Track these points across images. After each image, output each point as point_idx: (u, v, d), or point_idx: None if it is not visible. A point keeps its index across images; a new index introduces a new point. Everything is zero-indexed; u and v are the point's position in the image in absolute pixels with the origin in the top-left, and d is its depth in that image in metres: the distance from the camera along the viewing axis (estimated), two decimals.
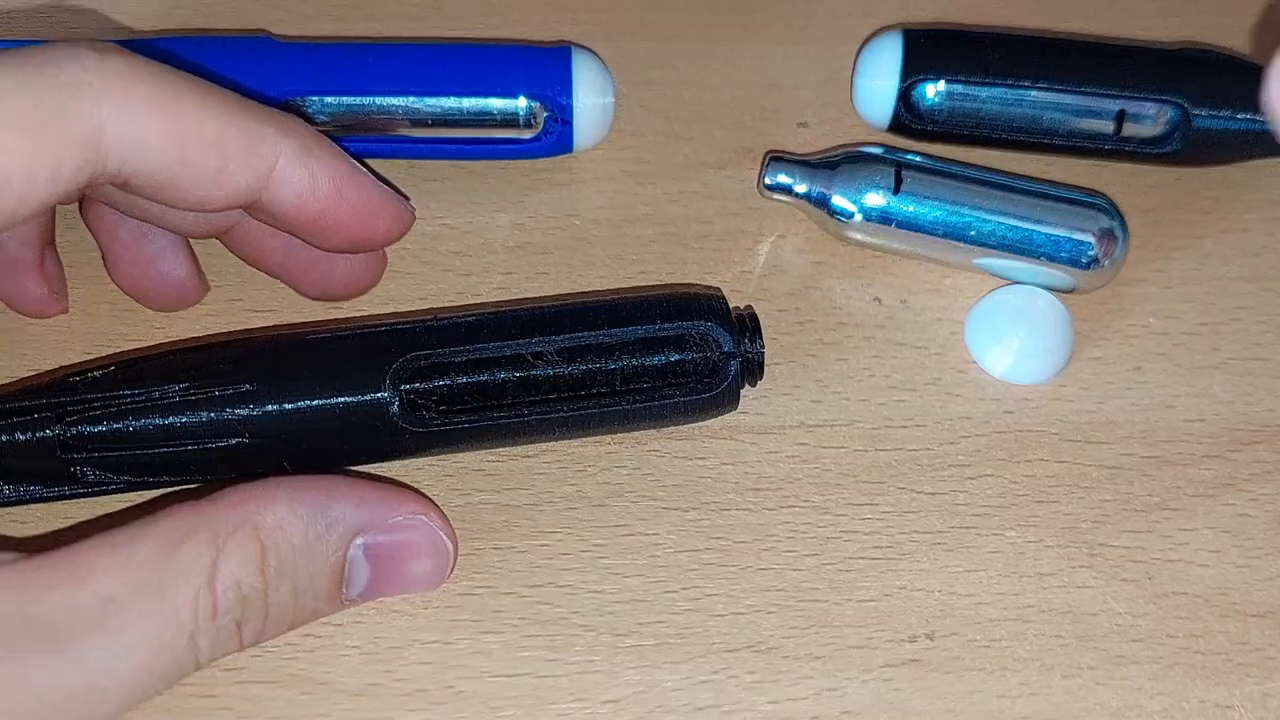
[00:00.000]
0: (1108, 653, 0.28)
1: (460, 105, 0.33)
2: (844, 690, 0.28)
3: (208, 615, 0.24)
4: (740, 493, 0.30)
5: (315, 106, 0.33)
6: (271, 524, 0.25)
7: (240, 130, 0.26)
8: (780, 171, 0.33)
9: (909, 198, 0.32)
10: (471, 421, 0.28)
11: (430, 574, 0.27)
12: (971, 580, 0.29)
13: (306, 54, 0.33)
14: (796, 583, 0.29)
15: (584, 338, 0.28)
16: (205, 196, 0.26)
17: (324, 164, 0.27)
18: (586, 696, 0.27)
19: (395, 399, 0.27)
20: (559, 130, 0.33)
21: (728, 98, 0.37)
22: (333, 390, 0.27)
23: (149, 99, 0.25)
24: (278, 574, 0.25)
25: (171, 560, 0.23)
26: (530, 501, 0.30)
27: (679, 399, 0.29)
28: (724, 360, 0.29)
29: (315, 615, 0.26)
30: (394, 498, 0.27)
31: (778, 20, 0.39)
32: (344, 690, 0.27)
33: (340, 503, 0.26)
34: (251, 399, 0.27)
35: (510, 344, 0.28)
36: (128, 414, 0.27)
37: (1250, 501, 0.30)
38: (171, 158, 0.25)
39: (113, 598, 0.23)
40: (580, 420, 0.28)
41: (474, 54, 0.33)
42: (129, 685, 0.23)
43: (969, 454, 0.31)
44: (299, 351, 0.28)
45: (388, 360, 0.27)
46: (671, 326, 0.28)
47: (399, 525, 0.27)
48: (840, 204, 0.32)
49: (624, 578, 0.29)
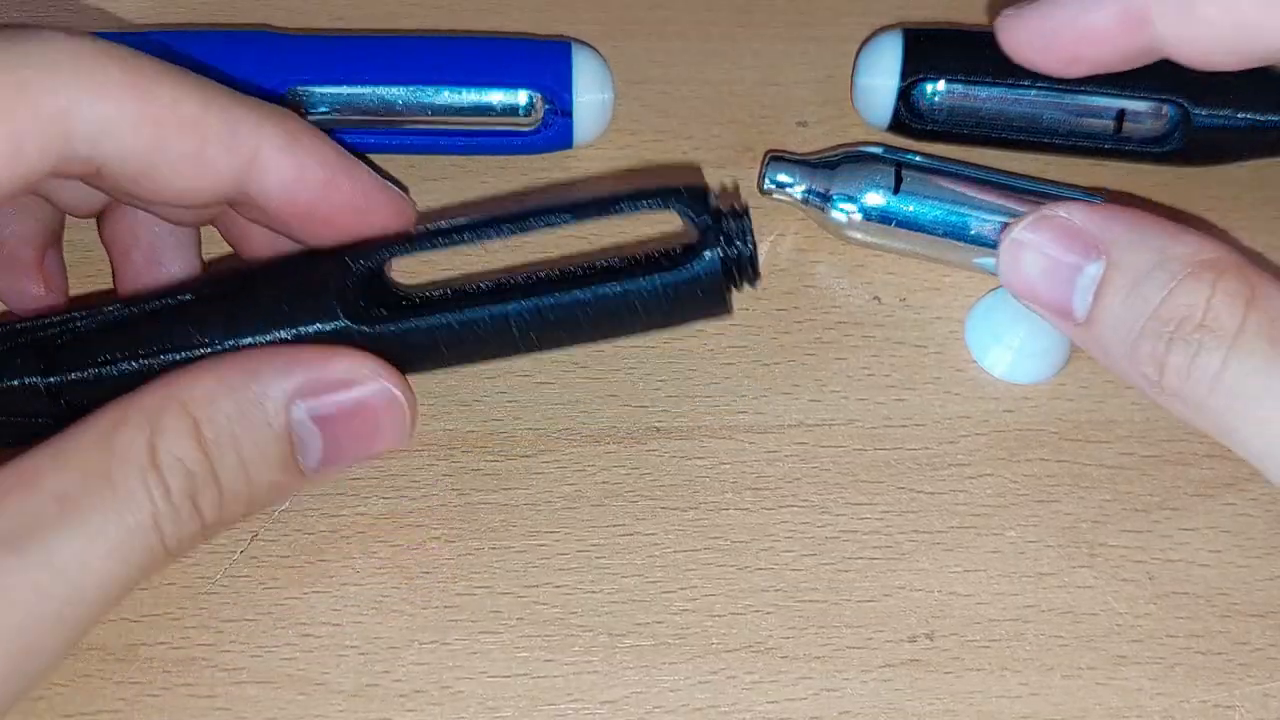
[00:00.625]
0: (1108, 653, 0.28)
1: (461, 96, 0.33)
2: (843, 690, 0.28)
3: (160, 493, 0.23)
4: (739, 492, 0.30)
5: (315, 97, 0.33)
6: (199, 397, 0.24)
7: (219, 114, 0.25)
8: (780, 171, 0.33)
9: (909, 197, 0.32)
10: (424, 319, 0.26)
11: (388, 429, 0.26)
12: (971, 580, 0.29)
13: (307, 45, 0.33)
14: (795, 582, 0.29)
15: (546, 224, 0.27)
16: (186, 186, 0.25)
17: (312, 153, 0.26)
18: (584, 697, 0.27)
19: (338, 302, 0.26)
20: (558, 123, 0.33)
21: (727, 96, 0.37)
22: (274, 295, 0.26)
23: (121, 79, 0.24)
24: (217, 445, 0.24)
25: (110, 447, 0.23)
26: (528, 501, 0.30)
27: (652, 282, 0.26)
28: (702, 238, 0.26)
29: (278, 490, 0.26)
30: (329, 355, 0.26)
31: (777, 18, 0.39)
32: (341, 691, 0.27)
33: (270, 366, 0.25)
34: (198, 308, 0.26)
35: (468, 238, 0.27)
36: (93, 332, 0.26)
37: (1251, 501, 0.30)
38: (145, 141, 0.24)
39: (65, 493, 0.23)
40: (544, 313, 0.26)
41: (475, 46, 0.34)
42: (104, 575, 0.23)
43: (968, 453, 0.31)
44: (252, 266, 0.28)
45: (338, 263, 0.27)
46: (644, 206, 0.27)
47: (339, 382, 0.26)
48: (840, 203, 0.32)
49: (622, 578, 0.29)
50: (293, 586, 0.28)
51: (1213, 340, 0.23)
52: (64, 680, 0.27)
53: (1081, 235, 0.26)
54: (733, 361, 0.32)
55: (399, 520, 0.29)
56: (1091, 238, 0.25)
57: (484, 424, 0.31)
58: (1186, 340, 0.24)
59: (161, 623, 0.28)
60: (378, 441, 0.26)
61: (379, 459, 0.30)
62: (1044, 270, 0.26)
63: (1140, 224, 0.25)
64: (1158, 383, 0.24)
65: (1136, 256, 0.25)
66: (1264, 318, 0.23)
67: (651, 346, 0.32)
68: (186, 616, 0.28)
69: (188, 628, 0.28)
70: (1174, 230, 0.25)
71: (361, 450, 0.26)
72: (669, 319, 0.27)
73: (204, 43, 0.33)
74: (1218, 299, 0.24)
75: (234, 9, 0.38)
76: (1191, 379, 0.24)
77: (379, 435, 0.26)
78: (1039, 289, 0.26)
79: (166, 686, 0.27)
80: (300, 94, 0.33)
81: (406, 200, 0.29)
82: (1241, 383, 0.23)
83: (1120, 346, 0.25)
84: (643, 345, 0.32)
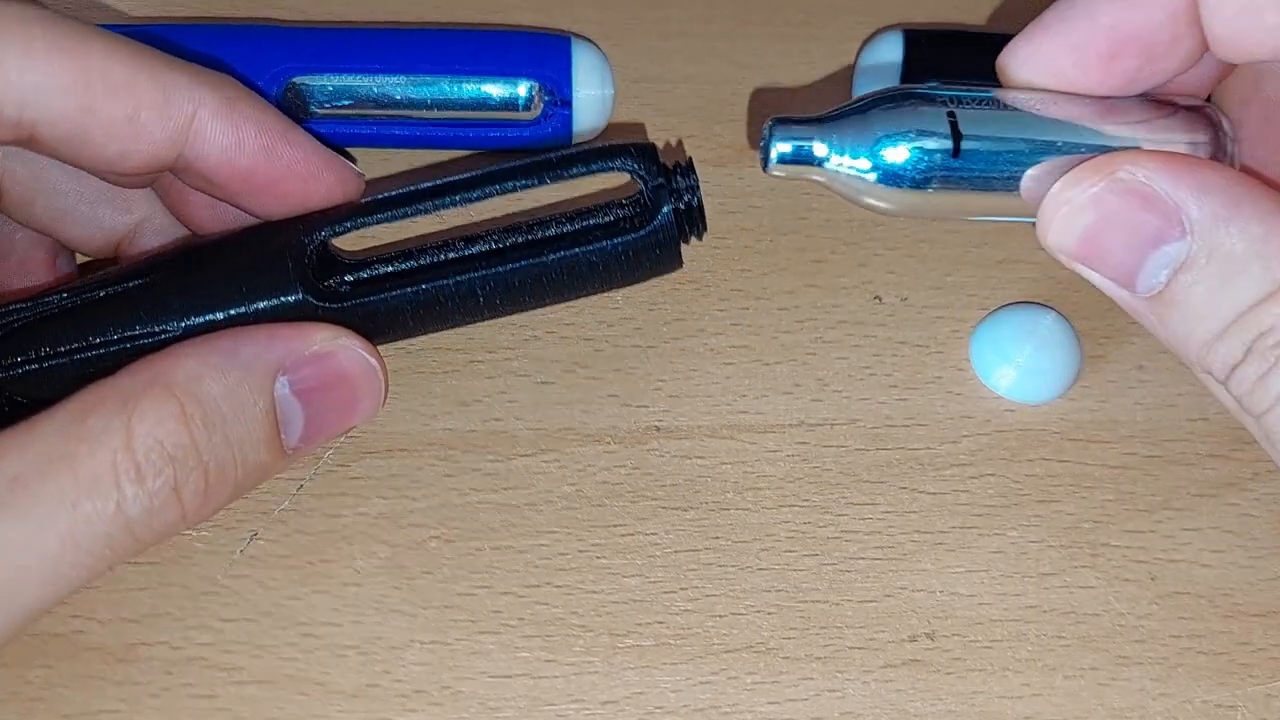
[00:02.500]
0: (1110, 653, 0.28)
1: (460, 88, 0.33)
2: (844, 691, 0.27)
3: (131, 479, 0.23)
4: (740, 492, 0.30)
5: (315, 89, 0.33)
6: (184, 379, 0.24)
7: (151, 76, 0.25)
8: (788, 138, 0.25)
9: (972, 156, 0.24)
10: (386, 292, 0.27)
11: (365, 397, 0.27)
12: (973, 580, 0.29)
13: (307, 37, 0.33)
14: (796, 583, 0.29)
15: (499, 189, 0.27)
16: (121, 151, 0.25)
17: (250, 118, 0.26)
18: (584, 697, 0.27)
19: (299, 281, 0.26)
20: (558, 114, 0.33)
21: (727, 95, 0.37)
22: (233, 274, 0.26)
23: (49, 41, 0.24)
24: (205, 425, 0.24)
25: (80, 431, 0.23)
26: (528, 501, 0.30)
27: (614, 244, 0.27)
28: (654, 195, 0.27)
29: (262, 471, 0.25)
30: (306, 328, 0.26)
31: (776, 17, 0.38)
32: (341, 691, 0.27)
33: (250, 344, 0.25)
34: (157, 289, 0.26)
35: (420, 208, 0.27)
36: (44, 321, 0.26)
37: (1254, 501, 0.30)
38: (75, 104, 0.24)
39: (19, 475, 0.22)
40: (508, 280, 0.27)
41: (474, 38, 0.34)
42: (53, 560, 0.22)
43: (970, 453, 0.31)
44: (206, 243, 0.27)
45: (294, 237, 0.27)
46: (595, 167, 0.27)
47: (317, 354, 0.26)
48: (881, 175, 0.24)
49: (622, 578, 0.29)
50: (293, 586, 0.28)
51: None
52: (63, 680, 0.27)
53: (1163, 206, 0.22)
54: (733, 361, 0.32)
55: (399, 520, 0.29)
56: (1174, 210, 0.22)
57: (484, 424, 0.31)
58: (1264, 355, 0.21)
59: (162, 623, 0.28)
60: (356, 411, 0.27)
61: (381, 458, 0.30)
62: (1109, 236, 0.22)
63: (1236, 199, 0.22)
64: (1222, 382, 0.22)
65: (1231, 243, 0.21)
66: None
67: (651, 346, 0.32)
68: (187, 616, 0.28)
69: (188, 628, 0.28)
70: (1273, 206, 0.22)
71: (340, 422, 0.27)
72: (626, 278, 0.28)
73: (204, 35, 0.33)
74: None
75: (234, 1, 0.38)
76: (1254, 395, 0.22)
77: (357, 405, 0.27)
78: (1102, 255, 0.23)
79: (166, 687, 0.27)
80: (300, 86, 0.33)
81: (352, 168, 0.28)
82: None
83: (1194, 338, 0.22)
84: (643, 345, 0.32)
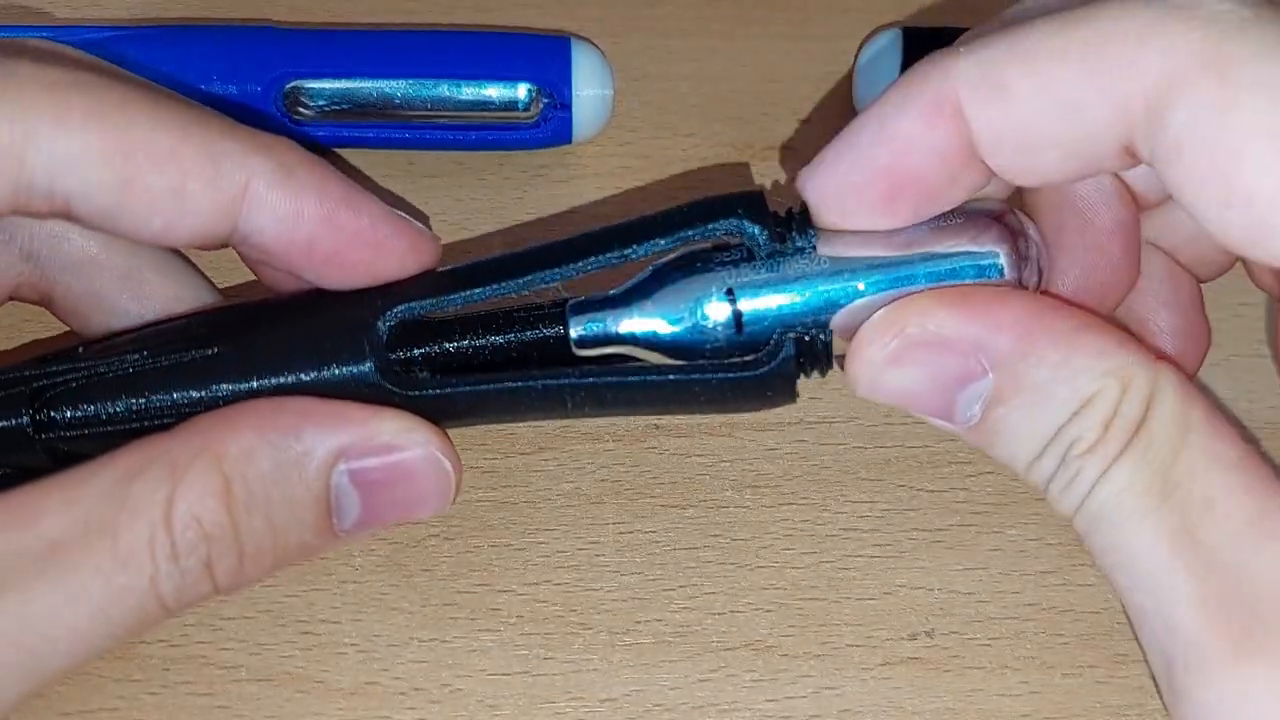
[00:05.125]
0: (1109, 651, 0.28)
1: (459, 89, 0.33)
2: (843, 689, 0.27)
3: (167, 556, 0.22)
4: (738, 490, 0.30)
5: (314, 91, 0.33)
6: (235, 453, 0.22)
7: (200, 144, 0.23)
8: (589, 323, 0.24)
9: (758, 327, 0.24)
10: (471, 385, 0.24)
11: (432, 496, 0.24)
12: (972, 578, 0.29)
13: (305, 39, 0.33)
14: (795, 580, 0.29)
15: (597, 263, 0.24)
16: (165, 225, 0.23)
17: (309, 185, 0.24)
18: (583, 695, 0.27)
19: (375, 364, 0.24)
20: (557, 117, 0.33)
21: (727, 93, 0.37)
22: (303, 355, 0.24)
23: (86, 107, 0.22)
24: (247, 508, 0.23)
25: (124, 497, 0.22)
26: (527, 499, 0.30)
27: (719, 376, 0.24)
28: (780, 340, 0.24)
29: (307, 551, 0.24)
30: (378, 415, 0.24)
31: (777, 15, 0.38)
32: (340, 689, 0.27)
33: (316, 424, 0.23)
34: (218, 365, 0.24)
35: (511, 285, 0.24)
36: (94, 385, 0.24)
37: None
38: (113, 174, 0.22)
39: (59, 541, 0.21)
40: (601, 391, 0.24)
41: (474, 39, 0.34)
42: (82, 634, 0.22)
43: (969, 451, 0.31)
44: (271, 311, 0.25)
45: (369, 315, 0.24)
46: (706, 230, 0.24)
47: (386, 446, 0.24)
48: (678, 345, 0.24)
49: (621, 575, 0.29)
50: (292, 584, 0.28)
51: (1091, 467, 0.21)
52: (61, 678, 0.27)
53: (959, 350, 0.22)
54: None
55: None
56: (970, 351, 0.22)
57: None
58: (1069, 464, 0.22)
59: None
60: (419, 509, 0.25)
61: None
62: (916, 384, 0.23)
63: (1028, 330, 0.22)
64: (1043, 495, 0.23)
65: (1033, 373, 0.22)
66: (1141, 452, 0.21)
67: None
68: (185, 614, 0.28)
69: (186, 625, 0.28)
70: (1066, 329, 0.22)
71: (401, 515, 0.25)
72: (728, 409, 0.25)
73: (203, 37, 0.33)
74: (1114, 422, 0.21)
75: (233, 3, 0.38)
76: (1062, 500, 0.22)
77: (421, 503, 0.25)
78: (913, 400, 0.23)
79: (165, 684, 0.27)
80: (299, 88, 0.33)
81: (425, 232, 0.26)
82: (1103, 511, 0.21)
83: (1018, 461, 0.23)
84: None
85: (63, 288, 0.27)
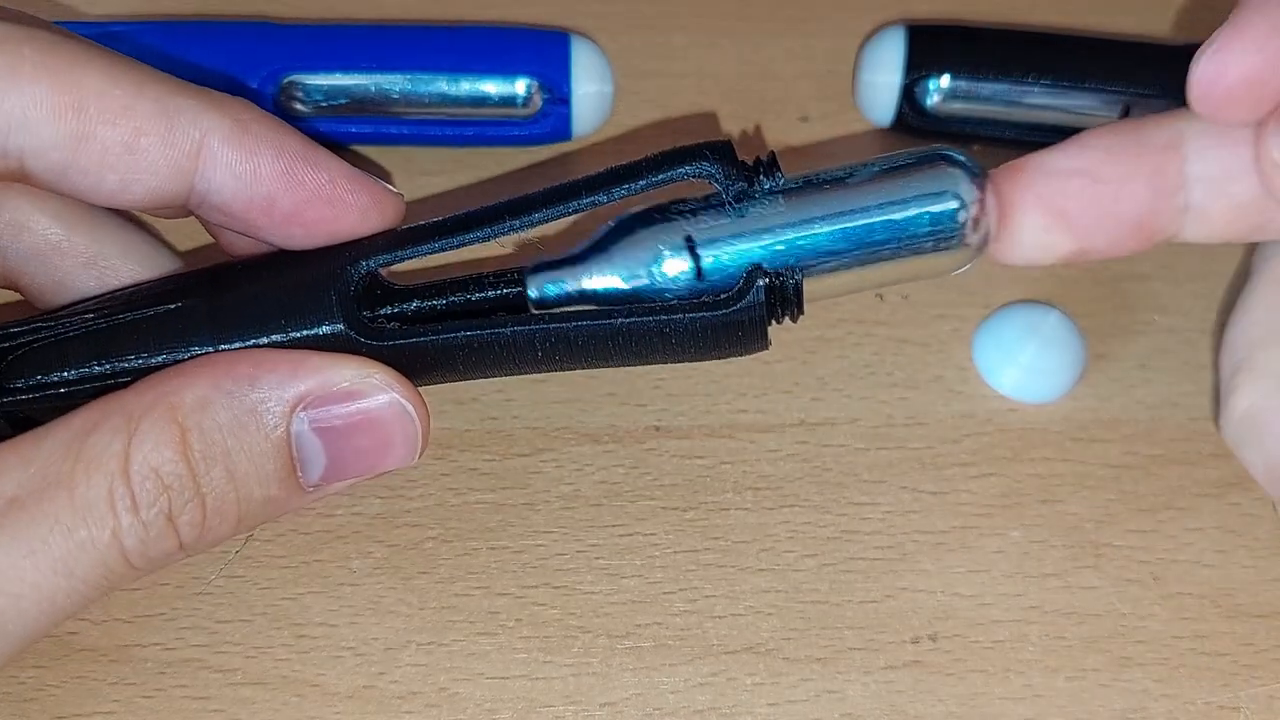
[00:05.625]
0: (1112, 654, 0.28)
1: (458, 85, 0.33)
2: (845, 693, 0.27)
3: (127, 508, 0.22)
4: (739, 492, 0.30)
5: (311, 87, 0.32)
6: (191, 403, 0.22)
7: (154, 100, 0.23)
8: (545, 280, 0.25)
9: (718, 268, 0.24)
10: (439, 334, 0.24)
11: (398, 444, 0.24)
12: (974, 581, 0.29)
13: (303, 35, 0.33)
14: (796, 583, 0.29)
15: (560, 210, 0.24)
16: (120, 182, 0.23)
17: (267, 141, 0.24)
18: (582, 699, 0.27)
19: (341, 314, 0.24)
20: (556, 112, 0.33)
21: (727, 90, 0.37)
22: (269, 309, 0.24)
23: (37, 62, 0.22)
24: (205, 459, 0.22)
25: (79, 451, 0.22)
26: (526, 501, 0.29)
27: (691, 319, 0.24)
28: (748, 277, 0.24)
29: (274, 506, 0.24)
30: (335, 360, 0.23)
31: (777, 12, 0.38)
32: (337, 693, 0.27)
33: (272, 372, 0.23)
34: (181, 320, 0.24)
35: (477, 235, 0.24)
36: (53, 346, 0.24)
37: (1256, 501, 0.30)
38: (67, 129, 0.22)
39: (16, 497, 0.21)
40: (571, 337, 0.24)
41: (472, 35, 0.33)
42: (46, 591, 0.21)
43: (972, 452, 0.31)
44: (236, 270, 0.25)
45: (335, 267, 0.24)
46: (666, 176, 0.24)
47: (346, 392, 0.23)
48: (639, 295, 0.24)
49: (621, 578, 0.28)
50: (288, 587, 0.28)
51: None
52: (57, 681, 0.27)
53: None
54: (733, 359, 0.32)
55: (395, 520, 0.29)
56: None
57: (481, 423, 0.30)
58: None
59: (155, 623, 0.28)
60: (386, 458, 0.25)
61: None
62: None
63: None
64: None
65: None
66: None
67: None
68: (181, 617, 0.28)
69: (182, 628, 0.27)
70: None
71: (368, 466, 0.25)
72: (700, 354, 0.25)
73: (199, 33, 0.32)
74: None
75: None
76: None
77: (388, 451, 0.24)
78: None
79: (160, 688, 0.27)
80: (296, 84, 0.32)
81: (388, 190, 0.26)
82: None
83: None
84: None
85: (27, 277, 0.26)
